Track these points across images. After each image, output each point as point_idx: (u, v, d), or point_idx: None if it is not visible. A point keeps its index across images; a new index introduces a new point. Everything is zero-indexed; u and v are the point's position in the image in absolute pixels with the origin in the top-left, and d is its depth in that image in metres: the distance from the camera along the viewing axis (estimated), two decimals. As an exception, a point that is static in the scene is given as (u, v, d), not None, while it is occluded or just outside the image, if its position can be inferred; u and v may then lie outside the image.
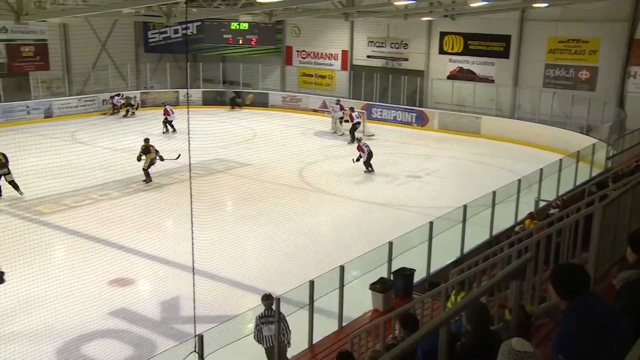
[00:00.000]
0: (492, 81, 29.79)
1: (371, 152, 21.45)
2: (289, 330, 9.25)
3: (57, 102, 30.12)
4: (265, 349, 9.24)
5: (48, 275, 12.38)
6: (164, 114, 27.43)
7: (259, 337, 9.22)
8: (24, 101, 28.96)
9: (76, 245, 14.41)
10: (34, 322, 10.10)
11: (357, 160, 21.35)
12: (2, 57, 29.75)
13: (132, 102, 32.11)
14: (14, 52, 30.00)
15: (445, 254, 12.92)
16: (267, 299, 9.29)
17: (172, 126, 27.37)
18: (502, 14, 27.35)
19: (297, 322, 9.37)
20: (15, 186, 18.01)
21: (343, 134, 27.89)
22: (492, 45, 29.62)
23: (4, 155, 18.33)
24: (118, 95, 31.91)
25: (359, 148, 21.47)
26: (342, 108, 28.48)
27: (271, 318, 9.16)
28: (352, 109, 27.45)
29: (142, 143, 19.91)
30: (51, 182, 17.88)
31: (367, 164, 21.40)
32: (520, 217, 14.30)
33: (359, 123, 26.70)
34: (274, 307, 9.17)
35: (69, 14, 20.04)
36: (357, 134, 25.81)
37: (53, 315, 10.47)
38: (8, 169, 18.21)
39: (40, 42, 30.97)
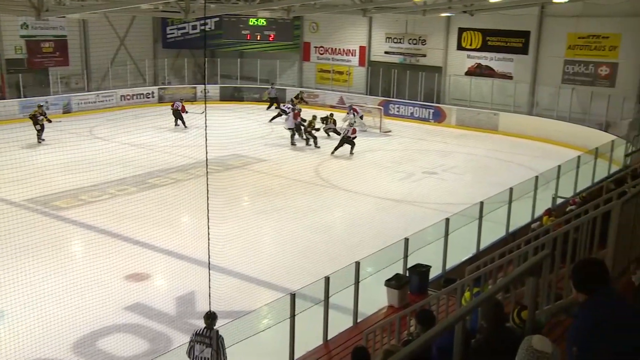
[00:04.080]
0: (511, 77, 29.55)
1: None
2: (226, 356, 8.28)
3: (76, 98, 30.39)
4: None
5: (65, 269, 12.52)
6: (181, 110, 27.53)
7: (190, 353, 8.33)
8: (44, 97, 29.18)
9: (93, 240, 14.52)
10: (50, 316, 10.16)
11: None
12: (23, 53, 30.03)
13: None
14: (34, 48, 30.24)
15: (461, 251, 12.83)
16: (209, 318, 8.35)
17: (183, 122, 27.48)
18: (521, 9, 27.08)
19: (312, 318, 9.35)
20: None
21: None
22: (511, 42, 29.37)
23: None
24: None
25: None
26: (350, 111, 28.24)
27: (207, 340, 8.21)
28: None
29: None
30: (69, 177, 18.10)
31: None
32: (537, 214, 14.14)
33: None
34: (215, 327, 8.30)
35: (88, 10, 20.18)
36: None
37: (69, 309, 10.55)
38: None
39: (59, 38, 31.20)
